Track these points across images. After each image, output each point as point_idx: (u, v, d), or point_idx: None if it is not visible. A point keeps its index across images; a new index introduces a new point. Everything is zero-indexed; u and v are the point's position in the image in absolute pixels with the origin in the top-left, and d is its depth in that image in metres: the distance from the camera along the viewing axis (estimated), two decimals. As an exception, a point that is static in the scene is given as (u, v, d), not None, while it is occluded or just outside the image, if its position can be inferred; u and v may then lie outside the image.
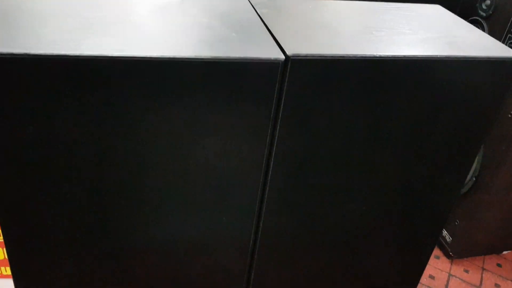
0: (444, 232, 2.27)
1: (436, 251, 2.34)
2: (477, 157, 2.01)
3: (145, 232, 0.98)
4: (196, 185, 0.94)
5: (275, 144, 0.94)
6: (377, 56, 0.90)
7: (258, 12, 1.02)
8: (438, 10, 1.22)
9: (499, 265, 2.34)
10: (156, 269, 1.05)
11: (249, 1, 1.08)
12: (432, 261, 2.29)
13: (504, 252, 2.42)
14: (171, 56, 0.79)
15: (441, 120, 1.02)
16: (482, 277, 2.24)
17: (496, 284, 2.22)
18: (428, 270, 2.23)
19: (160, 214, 0.96)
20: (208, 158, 0.92)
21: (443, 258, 2.33)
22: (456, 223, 2.17)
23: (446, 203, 1.21)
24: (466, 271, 2.26)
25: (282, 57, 0.84)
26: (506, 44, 1.03)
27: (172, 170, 0.91)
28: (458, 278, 2.22)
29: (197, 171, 0.92)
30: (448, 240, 2.25)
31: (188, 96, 0.83)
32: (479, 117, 1.05)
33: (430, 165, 1.10)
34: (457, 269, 2.27)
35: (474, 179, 2.03)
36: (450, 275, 2.24)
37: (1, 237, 1.37)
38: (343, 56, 0.88)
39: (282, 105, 0.89)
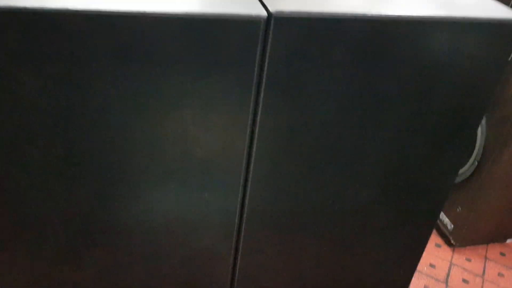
0: (446, 220, 2.20)
1: (437, 240, 2.27)
2: (479, 140, 1.93)
3: (121, 208, 0.91)
4: (174, 158, 0.88)
5: (259, 113, 0.87)
6: (370, 15, 0.83)
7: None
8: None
9: (502, 254, 2.27)
10: (135, 249, 0.99)
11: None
12: (433, 249, 2.22)
13: (508, 241, 2.34)
14: (141, 11, 0.72)
15: (439, 88, 0.95)
16: (485, 266, 2.17)
17: (499, 273, 2.14)
18: (429, 259, 2.16)
19: (136, 188, 0.90)
20: (187, 129, 0.85)
21: (445, 247, 2.26)
22: (458, 210, 2.10)
23: (444, 181, 1.14)
24: (468, 260, 2.19)
25: (264, 13, 0.77)
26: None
27: (146, 142, 0.84)
28: (460, 267, 2.15)
29: (174, 142, 0.86)
30: (449, 228, 2.18)
31: (161, 58, 0.76)
32: (480, 85, 0.98)
33: (427, 138, 1.03)
34: (459, 258, 2.20)
35: (476, 163, 1.95)
36: (451, 264, 2.16)
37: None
38: (332, 15, 0.81)
39: (265, 68, 0.82)
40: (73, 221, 0.90)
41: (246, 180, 0.95)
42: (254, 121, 0.88)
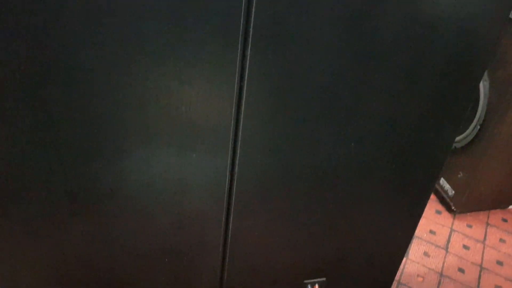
0: (446, 186, 2.16)
1: (438, 206, 2.25)
2: (481, 103, 1.88)
3: (105, 169, 0.87)
4: (158, 115, 0.83)
5: (247, 67, 0.82)
6: (364, -42, 0.77)
7: None
8: None
9: (504, 220, 2.25)
10: (121, 212, 0.95)
11: None
12: (433, 216, 2.19)
13: (510, 207, 2.31)
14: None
15: (437, 42, 0.89)
16: (486, 232, 2.15)
17: (501, 239, 2.12)
18: (429, 225, 2.14)
19: (120, 149, 0.85)
20: (170, 84, 0.80)
21: (445, 213, 2.23)
22: (459, 175, 2.06)
23: (443, 144, 1.09)
24: (469, 226, 2.17)
25: (249, -45, 0.71)
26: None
27: (128, 99, 0.79)
28: (461, 233, 2.13)
29: (157, 99, 0.81)
30: (450, 194, 2.15)
31: (142, 9, 0.70)
32: (480, 41, 0.92)
33: (424, 97, 0.97)
34: (460, 224, 2.18)
35: (478, 127, 1.91)
36: (452, 230, 2.14)
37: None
38: (323, -42, 0.75)
39: (252, 17, 0.76)
40: (56, 183, 0.86)
41: (235, 139, 0.91)
42: (242, 76, 0.83)
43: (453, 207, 2.16)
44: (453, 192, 2.11)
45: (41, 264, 0.97)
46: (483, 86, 1.87)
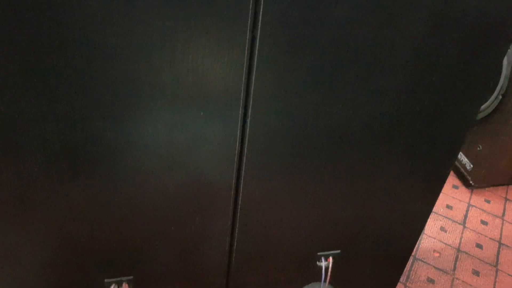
0: (464, 160, 2.08)
1: (455, 181, 2.17)
2: (504, 73, 1.78)
3: (108, 128, 0.81)
4: (163, 70, 0.76)
5: (260, 14, 0.74)
6: None
7: None
8: None
9: (523, 195, 2.16)
10: (126, 175, 0.89)
11: None
12: (449, 190, 2.12)
13: (530, 182, 2.23)
14: None
15: (460, 9, 0.81)
16: (505, 207, 2.07)
17: (520, 215, 2.04)
18: (446, 200, 2.06)
19: (122, 107, 0.79)
20: (175, 36, 0.73)
21: (462, 188, 2.16)
22: (479, 149, 1.98)
23: (466, 115, 1.01)
24: (488, 201, 2.09)
25: None
26: None
27: (132, 52, 0.72)
28: (479, 208, 2.05)
29: (162, 51, 0.74)
30: (468, 168, 2.07)
31: None
32: (507, 4, 0.83)
33: (448, 65, 0.89)
34: (478, 199, 2.10)
35: (500, 97, 1.81)
36: (469, 205, 2.07)
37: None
38: None
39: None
40: (53, 140, 0.80)
41: (246, 97, 0.84)
42: (254, 26, 0.76)
43: (471, 182, 2.08)
44: (472, 166, 2.03)
45: (38, 232, 0.92)
46: (507, 55, 1.77)
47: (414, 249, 1.73)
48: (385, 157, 1.05)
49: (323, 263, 1.25)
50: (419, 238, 1.77)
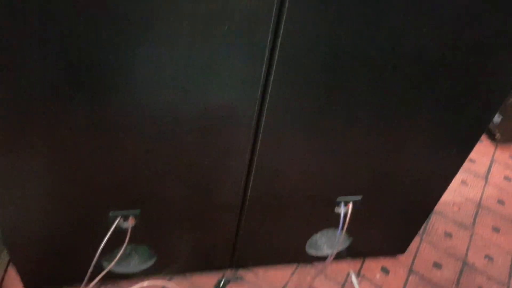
0: (493, 112, 1.96)
1: (480, 134, 2.06)
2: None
3: (114, 41, 0.70)
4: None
5: None
6: None
7: None
8: None
9: (551, 152, 2.05)
10: (136, 103, 0.79)
11: None
12: (474, 144, 2.01)
13: (558, 140, 2.11)
14: None
15: None
16: (530, 164, 1.97)
17: (545, 173, 1.94)
18: (469, 153, 1.96)
19: (133, 13, 0.67)
20: None
21: (487, 142, 2.05)
22: (510, 101, 1.85)
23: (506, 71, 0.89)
24: (512, 157, 1.99)
25: None
26: None
27: None
28: (503, 164, 1.96)
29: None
30: (496, 120, 1.95)
31: None
32: None
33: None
34: (502, 155, 2.00)
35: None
36: (493, 160, 1.97)
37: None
38: None
39: None
40: (54, 50, 0.69)
41: (280, 9, 0.71)
42: None
43: (497, 135, 1.97)
44: (500, 117, 1.91)
45: (41, 155, 0.83)
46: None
47: (433, 202, 1.64)
48: (421, 103, 0.94)
49: (342, 209, 1.17)
50: (440, 191, 1.68)
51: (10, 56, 0.67)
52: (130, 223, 1.02)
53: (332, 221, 1.22)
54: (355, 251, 1.40)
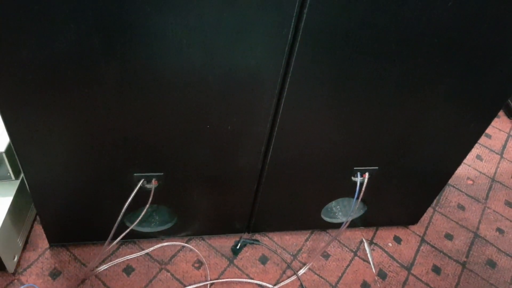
0: None
1: (497, 109, 2.05)
2: None
3: (142, 7, 0.71)
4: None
5: None
6: None
7: None
8: None
9: None
10: (161, 65, 0.81)
11: None
12: (491, 119, 2.00)
13: None
14: None
15: None
16: (547, 141, 1.96)
17: (561, 150, 1.94)
18: (485, 128, 1.96)
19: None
20: None
21: (504, 118, 2.04)
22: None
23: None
24: (529, 134, 1.99)
25: None
26: None
27: None
28: (519, 140, 1.95)
29: None
30: (515, 96, 1.93)
31: None
32: None
33: None
34: (519, 131, 2.00)
35: None
36: (509, 135, 1.96)
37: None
38: None
39: None
40: (86, 14, 0.71)
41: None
42: None
43: (515, 111, 1.96)
44: (520, 94, 1.90)
45: (70, 114, 0.86)
46: None
47: (448, 175, 1.66)
48: (441, 76, 0.95)
49: (358, 178, 1.20)
50: (455, 164, 1.69)
51: (47, 19, 0.69)
52: (153, 185, 1.05)
53: (348, 190, 1.24)
54: (369, 220, 1.43)
